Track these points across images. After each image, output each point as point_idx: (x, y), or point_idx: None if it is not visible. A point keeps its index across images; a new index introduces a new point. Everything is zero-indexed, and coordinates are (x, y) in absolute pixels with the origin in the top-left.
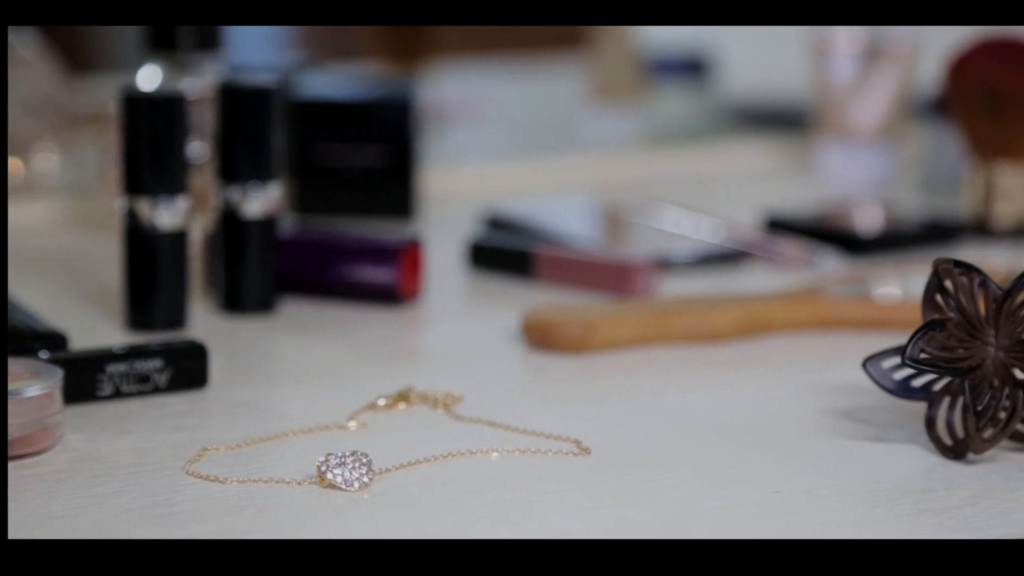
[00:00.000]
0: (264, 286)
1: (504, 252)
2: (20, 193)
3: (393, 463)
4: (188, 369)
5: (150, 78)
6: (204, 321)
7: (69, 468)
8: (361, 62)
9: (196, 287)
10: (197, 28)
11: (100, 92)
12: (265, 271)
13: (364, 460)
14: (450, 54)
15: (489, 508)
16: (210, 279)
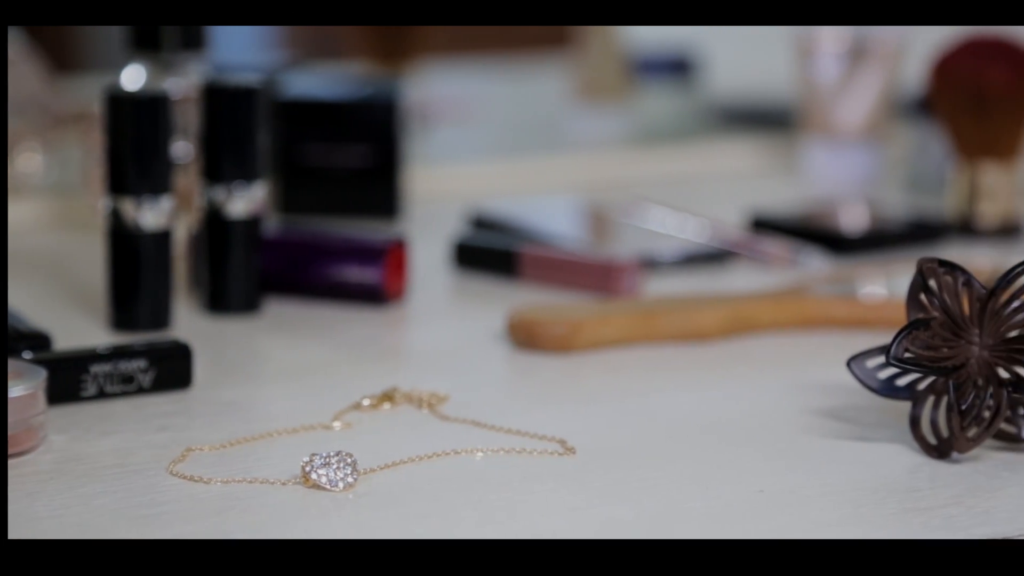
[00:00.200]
0: (249, 286)
1: (489, 252)
2: None
3: (378, 463)
4: (172, 369)
5: (134, 78)
6: (188, 321)
7: (53, 469)
8: (346, 62)
9: (180, 287)
10: (181, 28)
11: (84, 92)
12: (250, 271)
13: (349, 460)
14: (435, 54)
15: (474, 508)
16: (194, 279)
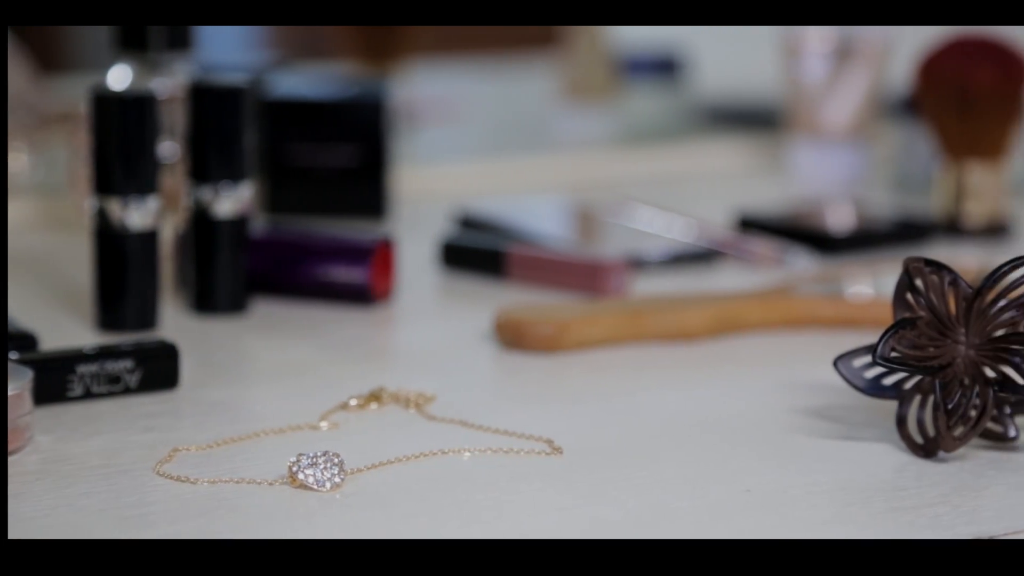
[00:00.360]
0: (236, 286)
1: (476, 252)
2: None
3: (365, 463)
4: (159, 370)
5: (120, 78)
6: (175, 321)
7: (39, 469)
8: (333, 62)
9: (167, 287)
10: (168, 28)
11: (70, 92)
12: (237, 271)
13: (336, 460)
14: (422, 53)
15: (461, 508)
16: (181, 279)
